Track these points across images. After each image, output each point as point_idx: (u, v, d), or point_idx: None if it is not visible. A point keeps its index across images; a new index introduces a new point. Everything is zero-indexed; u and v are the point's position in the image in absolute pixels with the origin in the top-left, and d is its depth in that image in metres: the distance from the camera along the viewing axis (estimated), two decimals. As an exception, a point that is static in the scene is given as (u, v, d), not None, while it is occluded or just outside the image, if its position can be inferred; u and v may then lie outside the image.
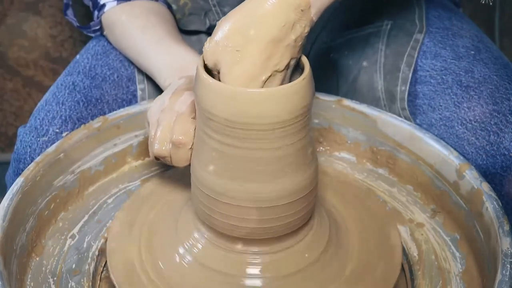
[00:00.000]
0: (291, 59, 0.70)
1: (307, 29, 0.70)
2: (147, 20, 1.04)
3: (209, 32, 1.15)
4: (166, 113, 0.79)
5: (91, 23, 1.10)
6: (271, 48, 0.68)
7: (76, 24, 1.13)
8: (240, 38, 0.68)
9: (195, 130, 0.74)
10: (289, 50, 0.69)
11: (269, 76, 0.69)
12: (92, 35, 1.14)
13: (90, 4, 1.10)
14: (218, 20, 0.71)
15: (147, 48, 1.00)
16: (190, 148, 0.76)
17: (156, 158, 0.80)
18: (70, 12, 1.13)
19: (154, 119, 0.81)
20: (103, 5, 1.07)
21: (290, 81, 0.72)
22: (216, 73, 0.71)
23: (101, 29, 1.10)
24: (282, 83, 0.70)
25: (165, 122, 0.78)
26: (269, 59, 0.68)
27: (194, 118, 0.76)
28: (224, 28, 0.69)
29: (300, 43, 0.70)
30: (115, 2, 1.06)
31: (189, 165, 0.76)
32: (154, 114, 0.82)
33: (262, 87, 0.69)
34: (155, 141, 0.79)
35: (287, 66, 0.70)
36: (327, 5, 0.72)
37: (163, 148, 0.78)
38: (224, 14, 1.08)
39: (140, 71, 1.07)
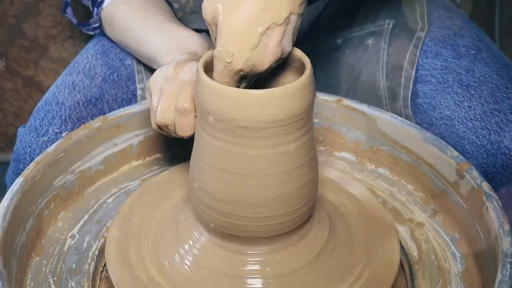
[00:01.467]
0: (291, 13, 0.68)
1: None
2: (146, 10, 1.04)
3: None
4: (170, 81, 0.78)
5: (91, 20, 1.10)
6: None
7: (75, 21, 1.13)
8: None
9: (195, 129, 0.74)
10: (287, 2, 0.67)
11: (267, 29, 0.67)
12: (91, 33, 1.13)
13: (89, 3, 1.10)
14: None
15: (147, 35, 1.00)
16: (195, 116, 0.74)
17: (159, 127, 0.79)
18: (69, 10, 1.13)
19: (156, 88, 0.80)
20: (102, 1, 1.07)
21: (291, 81, 0.72)
22: (214, 27, 0.70)
23: (100, 26, 1.10)
24: (282, 40, 0.68)
25: (169, 90, 0.77)
26: (266, 10, 0.66)
27: None
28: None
29: None
30: None
31: (193, 137, 0.75)
32: (157, 83, 0.80)
33: (259, 40, 0.67)
34: (158, 109, 0.77)
35: (287, 19, 0.68)
36: None
37: (166, 116, 0.77)
38: None
39: (140, 70, 1.07)
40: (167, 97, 0.77)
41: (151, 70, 1.05)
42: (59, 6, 1.61)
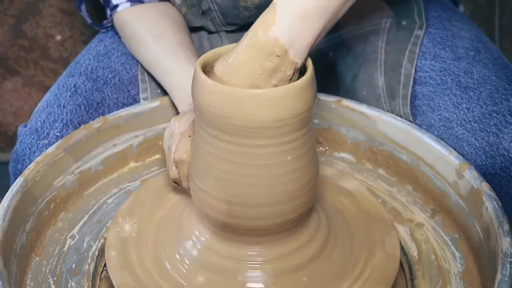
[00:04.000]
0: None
1: (289, 73, 0.68)
2: (161, 25, 1.04)
3: (206, 26, 1.15)
4: (172, 137, 0.81)
5: (104, 22, 1.11)
6: None
7: (89, 20, 1.13)
8: (225, 82, 0.69)
9: (194, 130, 0.74)
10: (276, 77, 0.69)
11: None
12: (104, 30, 1.14)
13: (102, 0, 1.10)
14: (211, 8, 0.71)
15: (161, 61, 1.01)
16: None
17: (175, 182, 0.82)
18: (83, 7, 1.13)
19: (166, 146, 0.83)
20: (116, 6, 1.07)
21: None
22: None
23: (113, 26, 1.11)
24: None
25: (173, 147, 0.80)
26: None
27: (190, 136, 0.78)
28: (213, 71, 0.70)
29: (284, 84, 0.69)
30: (128, 4, 1.06)
31: None
32: (166, 141, 0.84)
33: None
34: (169, 166, 0.81)
35: None
36: (310, 42, 0.68)
37: (173, 170, 0.81)
38: (217, 3, 1.08)
39: (144, 79, 1.07)
40: (169, 154, 0.81)
41: (155, 79, 1.06)
42: (59, 6, 1.61)
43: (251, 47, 0.67)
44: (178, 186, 0.83)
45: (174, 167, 0.80)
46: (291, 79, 0.69)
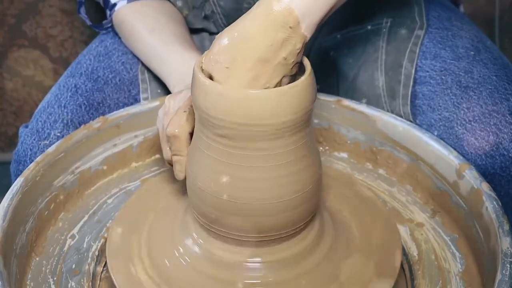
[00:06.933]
0: (284, 76, 0.70)
1: (298, 46, 0.69)
2: (156, 19, 1.05)
3: (208, 28, 1.15)
4: (167, 115, 0.80)
5: (104, 22, 1.12)
6: (259, 68, 0.68)
7: (89, 22, 1.14)
8: (229, 56, 0.68)
9: (193, 133, 0.74)
10: (280, 69, 0.69)
11: None
12: (104, 31, 1.14)
13: (101, 1, 1.11)
14: (214, 11, 0.71)
15: (157, 52, 1.01)
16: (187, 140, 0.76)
17: (169, 163, 0.81)
18: (83, 10, 1.14)
19: (160, 126, 0.82)
20: (114, 4, 1.08)
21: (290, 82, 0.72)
22: None
23: (112, 26, 1.11)
24: None
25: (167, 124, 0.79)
26: (257, 78, 0.68)
27: (185, 111, 0.76)
28: (218, 44, 0.69)
29: (292, 60, 0.69)
30: (125, 1, 1.08)
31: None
32: (160, 120, 0.83)
33: None
34: (163, 146, 0.79)
35: (279, 83, 0.70)
36: (320, 18, 0.70)
37: (168, 149, 0.79)
38: (220, 6, 1.09)
39: (144, 79, 1.07)
40: (163, 133, 0.79)
41: (155, 79, 1.07)
42: (59, 6, 1.61)
43: (264, 17, 0.67)
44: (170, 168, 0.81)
45: (167, 146, 0.78)
46: (299, 53, 0.69)
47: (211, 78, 0.69)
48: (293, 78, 0.73)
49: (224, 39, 0.69)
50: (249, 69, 0.68)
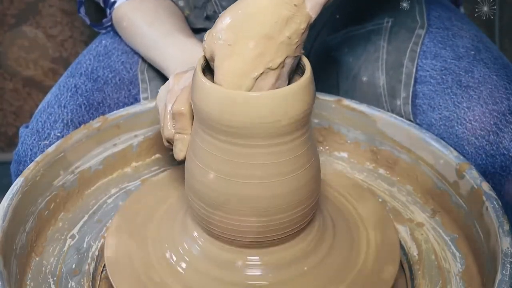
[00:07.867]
0: (287, 57, 0.69)
1: (303, 26, 0.68)
2: (156, 13, 1.05)
3: (209, 28, 1.15)
4: (171, 93, 0.79)
5: (104, 20, 1.12)
6: (263, 45, 0.67)
7: (88, 22, 1.14)
8: (232, 33, 0.67)
9: (191, 133, 0.74)
10: (284, 48, 0.68)
11: (261, 73, 0.68)
12: (104, 31, 1.14)
13: (100, 1, 1.11)
14: (216, 11, 0.70)
15: (156, 42, 1.01)
16: (190, 120, 0.75)
17: (168, 142, 0.79)
18: (83, 9, 1.14)
19: (162, 104, 0.81)
20: (114, 2, 1.08)
21: (290, 82, 0.72)
22: (213, 63, 0.71)
23: (112, 25, 1.11)
24: (276, 82, 0.69)
25: (171, 102, 0.77)
26: (261, 55, 0.67)
27: None
28: (221, 22, 0.68)
29: (296, 40, 0.68)
30: None
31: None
32: (161, 100, 0.81)
33: (254, 84, 0.68)
34: (165, 124, 0.78)
35: (282, 64, 0.69)
36: (325, 0, 0.69)
37: (169, 128, 0.78)
38: (222, 6, 1.09)
39: (144, 79, 1.07)
40: (165, 111, 0.78)
41: (155, 79, 1.06)
42: (59, 6, 1.61)
43: None
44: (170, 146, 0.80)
45: (169, 124, 0.77)
46: (303, 33, 0.69)
47: (212, 59, 0.69)
48: (293, 78, 0.73)
49: (227, 17, 0.68)
50: (253, 46, 0.67)
